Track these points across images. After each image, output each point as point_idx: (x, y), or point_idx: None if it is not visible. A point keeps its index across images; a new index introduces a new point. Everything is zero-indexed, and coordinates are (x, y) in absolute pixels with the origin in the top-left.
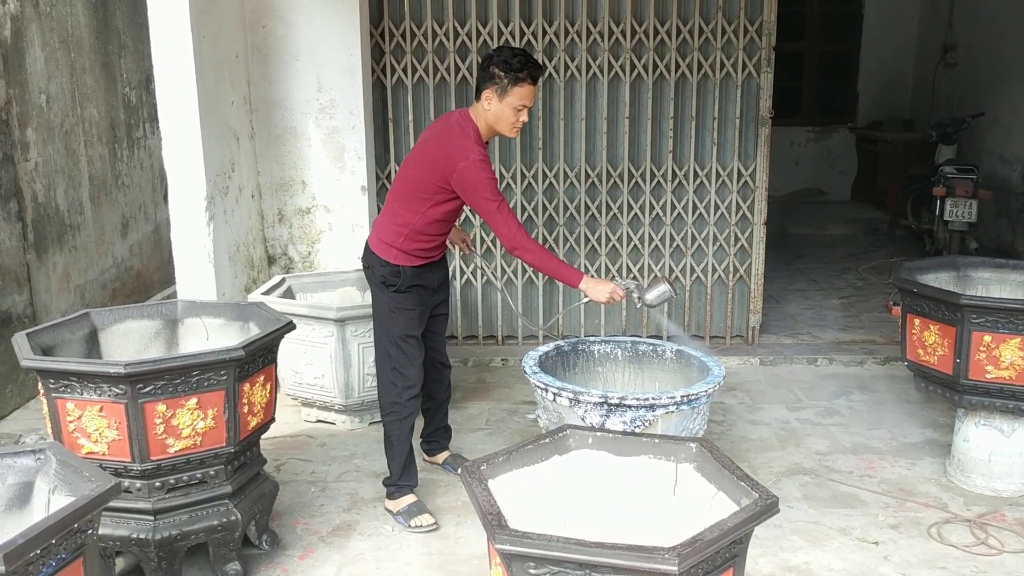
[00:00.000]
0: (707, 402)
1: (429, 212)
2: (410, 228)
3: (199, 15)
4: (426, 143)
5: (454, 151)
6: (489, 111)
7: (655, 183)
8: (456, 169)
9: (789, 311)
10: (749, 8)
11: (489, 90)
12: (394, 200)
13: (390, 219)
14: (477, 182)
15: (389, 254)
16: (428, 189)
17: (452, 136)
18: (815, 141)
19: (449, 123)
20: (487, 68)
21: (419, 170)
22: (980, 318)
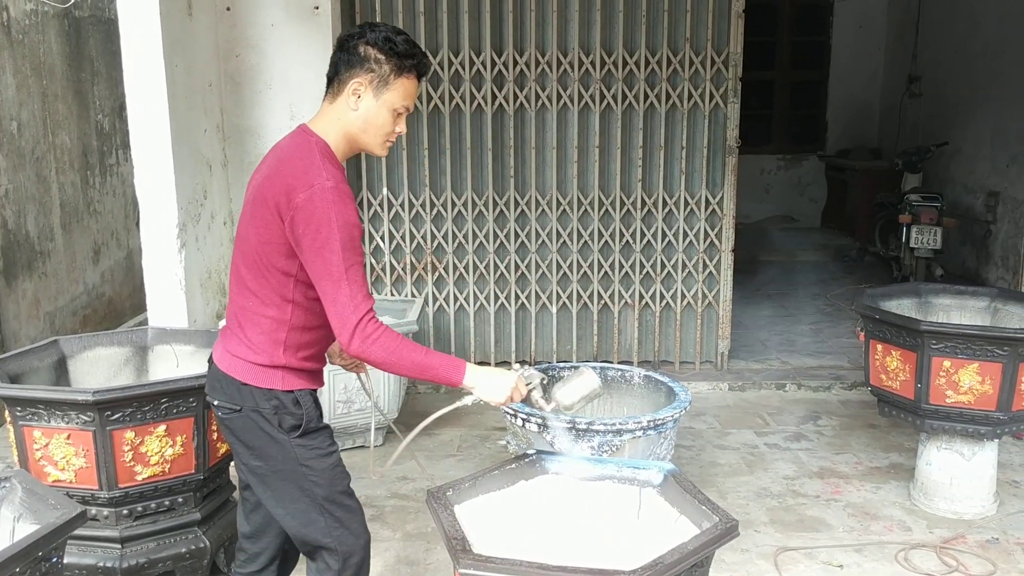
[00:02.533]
0: (674, 427)
1: (301, 290)
2: (287, 326)
3: (172, 44)
4: (257, 187)
5: (290, 179)
6: (356, 112)
7: (625, 211)
8: (292, 205)
9: (758, 337)
10: (716, 40)
11: (359, 80)
12: (244, 291)
13: (250, 324)
14: (323, 222)
15: (271, 379)
16: (282, 251)
17: (287, 160)
18: (785, 169)
19: (279, 147)
20: (353, 49)
21: (259, 228)
22: (940, 344)
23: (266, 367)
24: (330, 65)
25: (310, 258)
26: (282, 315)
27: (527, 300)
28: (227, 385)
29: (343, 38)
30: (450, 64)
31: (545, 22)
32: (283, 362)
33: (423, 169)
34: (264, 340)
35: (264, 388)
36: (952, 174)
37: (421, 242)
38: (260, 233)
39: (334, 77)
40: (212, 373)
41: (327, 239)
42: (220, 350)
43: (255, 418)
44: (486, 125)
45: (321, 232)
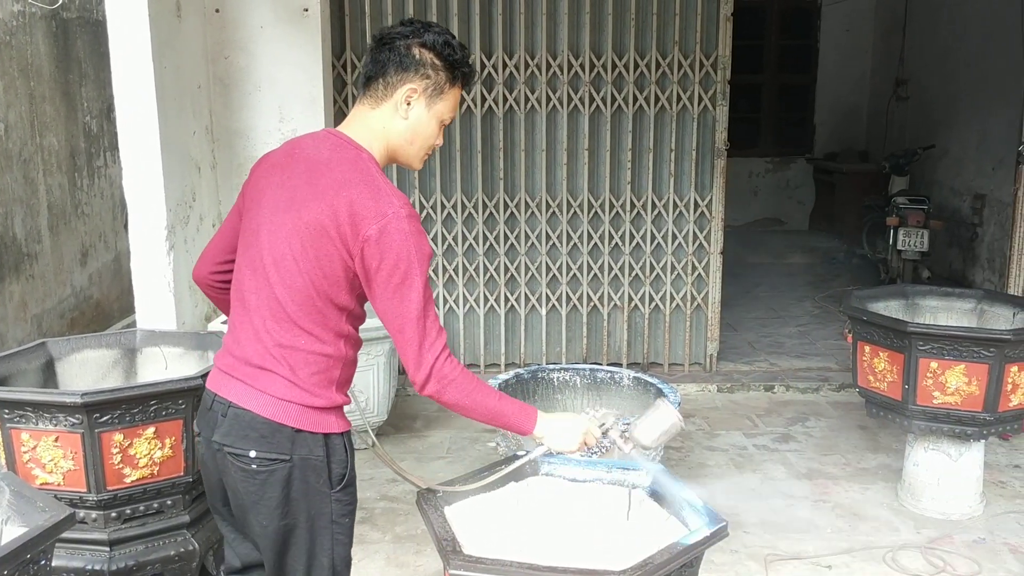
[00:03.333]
0: None
1: (351, 322)
2: (341, 362)
3: (161, 46)
4: (307, 212)
5: (356, 207)
6: (406, 122)
7: (614, 213)
8: (361, 236)
9: (747, 339)
10: (705, 43)
11: (413, 86)
12: (291, 329)
13: (302, 364)
14: (402, 257)
15: (326, 422)
16: (346, 287)
17: (344, 183)
18: (774, 172)
19: (317, 160)
20: (406, 50)
21: (320, 262)
22: (927, 345)
23: (322, 410)
24: (372, 63)
25: (384, 295)
26: (337, 351)
27: (516, 302)
28: (273, 433)
29: (390, 35)
30: None
31: (535, 25)
32: (338, 402)
33: (411, 172)
34: (320, 380)
35: (319, 433)
36: (939, 177)
37: None
38: (323, 267)
39: (378, 79)
40: (238, 420)
41: (406, 275)
42: (251, 392)
43: (304, 468)
44: (476, 127)
45: (400, 268)
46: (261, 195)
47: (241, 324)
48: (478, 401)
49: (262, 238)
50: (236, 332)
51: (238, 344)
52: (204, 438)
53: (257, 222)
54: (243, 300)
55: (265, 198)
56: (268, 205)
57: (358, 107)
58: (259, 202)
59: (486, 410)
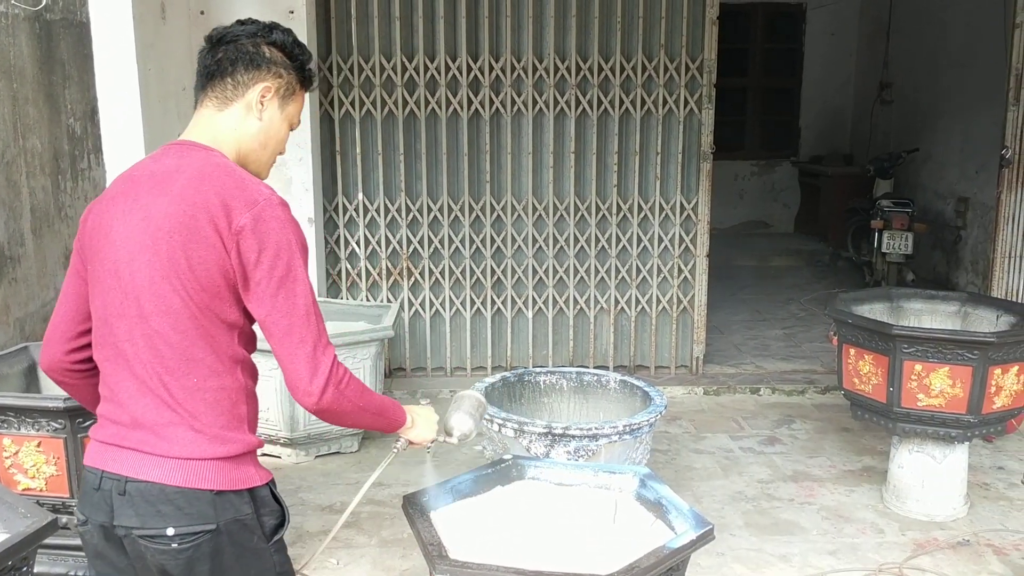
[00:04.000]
0: (650, 431)
1: (244, 342)
2: (244, 394)
3: (145, 48)
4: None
5: (223, 196)
6: (260, 123)
7: (600, 216)
8: (233, 228)
9: (733, 341)
10: (690, 46)
11: (267, 84)
12: (179, 364)
13: (201, 405)
14: (282, 246)
15: (247, 472)
16: (230, 295)
17: (202, 177)
18: (759, 175)
19: (165, 171)
20: (254, 48)
21: (193, 271)
22: (911, 347)
23: (239, 458)
24: (215, 62)
25: (267, 293)
26: (235, 382)
27: (503, 305)
28: (189, 503)
29: (233, 34)
30: (426, 69)
31: (521, 27)
32: (253, 444)
33: (399, 174)
34: (228, 421)
35: (243, 490)
36: (923, 180)
37: (397, 247)
38: (198, 275)
39: (225, 78)
40: (143, 496)
41: (290, 267)
42: (149, 460)
43: (234, 533)
44: (462, 130)
45: (282, 258)
46: (107, 231)
47: (121, 382)
48: (370, 400)
49: (121, 272)
50: (116, 395)
51: (121, 407)
52: (96, 524)
53: (112, 259)
54: (118, 353)
55: (113, 231)
56: (119, 236)
57: (200, 111)
58: (107, 238)
59: (376, 408)
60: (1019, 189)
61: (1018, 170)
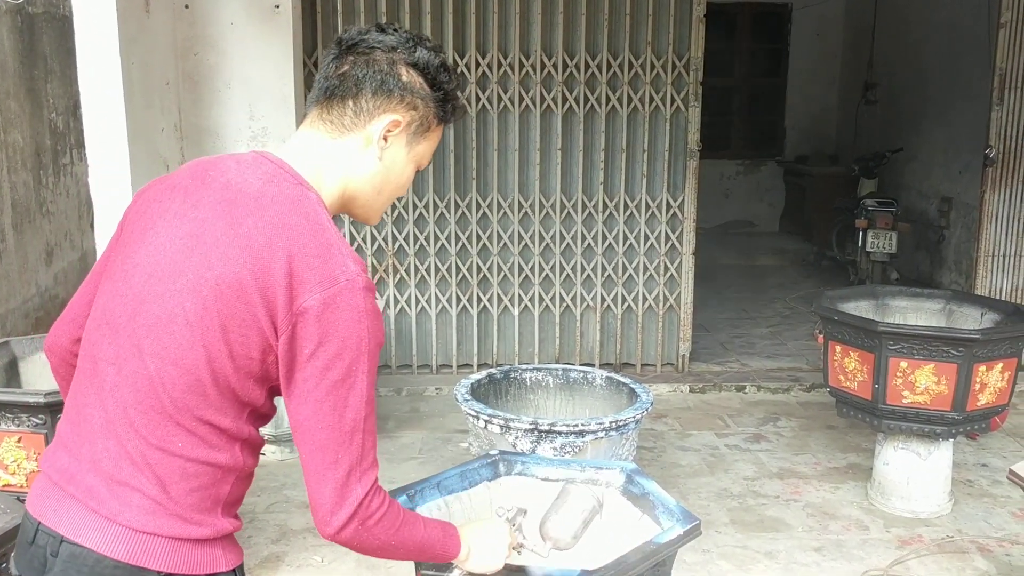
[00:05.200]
0: (636, 428)
1: (253, 421)
2: (233, 475)
3: (128, 42)
4: (208, 243)
5: (300, 261)
6: (380, 163)
7: (587, 214)
8: (298, 307)
9: (719, 339)
10: (677, 44)
11: (396, 117)
12: (166, 424)
13: (175, 476)
14: (348, 344)
15: (212, 559)
16: (256, 371)
17: (283, 227)
18: (745, 174)
19: (245, 192)
20: (389, 68)
21: (224, 331)
22: (896, 344)
23: (205, 543)
24: (338, 77)
25: (313, 394)
26: (231, 460)
27: (489, 303)
28: None
29: (368, 43)
30: None
31: (507, 24)
32: (225, 530)
33: None
34: (201, 500)
35: (200, 575)
36: (907, 180)
37: (383, 244)
38: (231, 343)
39: (346, 100)
40: (75, 563)
41: (351, 370)
42: (92, 520)
43: None
44: (448, 127)
45: (344, 358)
46: (148, 226)
47: (88, 408)
48: (406, 538)
49: (135, 285)
50: (79, 419)
51: (80, 438)
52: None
53: (133, 262)
54: (96, 373)
55: (155, 230)
56: (156, 241)
57: (308, 131)
58: (142, 235)
59: (413, 545)
60: (1002, 188)
61: (1001, 170)
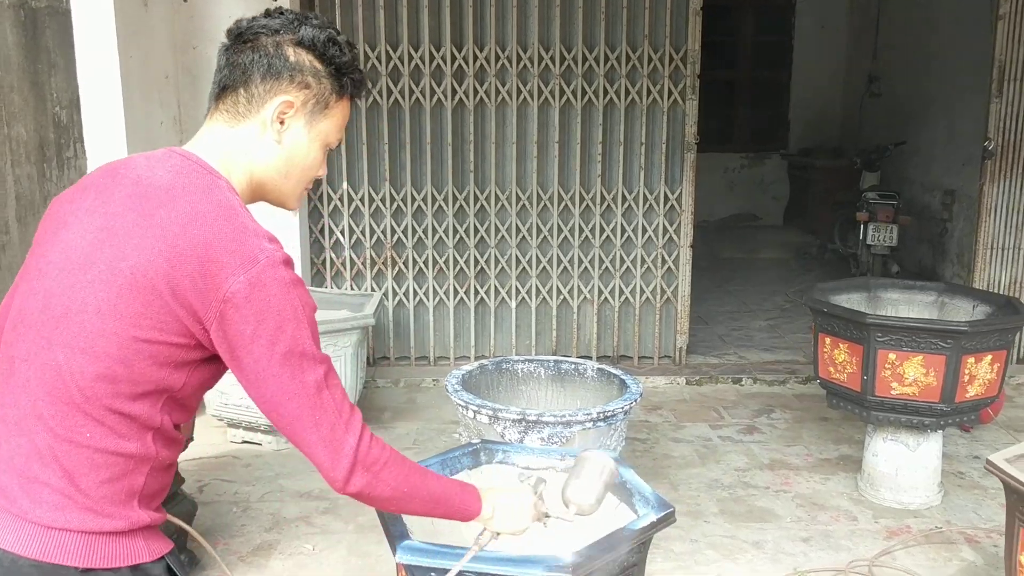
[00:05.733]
0: (624, 419)
1: (170, 410)
2: (148, 465)
3: (127, 36)
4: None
5: (215, 247)
6: (279, 148)
7: (584, 206)
8: (222, 295)
9: (717, 332)
10: (674, 37)
11: (288, 98)
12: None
13: (84, 468)
14: (286, 318)
15: (131, 550)
16: (172, 360)
17: (194, 216)
18: (749, 167)
19: (170, 182)
20: (275, 50)
21: (132, 324)
22: (885, 336)
23: (123, 535)
24: (229, 68)
25: (267, 371)
26: (143, 450)
27: (486, 295)
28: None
29: (252, 30)
30: (410, 59)
31: (505, 17)
32: (142, 521)
33: (383, 164)
34: (113, 492)
35: (122, 567)
36: (910, 173)
37: (381, 237)
38: (144, 330)
39: (238, 89)
40: None
41: (295, 339)
42: (5, 520)
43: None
44: (446, 120)
45: (286, 331)
46: (60, 225)
47: (4, 408)
48: (418, 485)
49: (46, 281)
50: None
51: (3, 440)
52: None
53: (46, 260)
54: (12, 372)
55: (66, 228)
56: (67, 237)
57: (210, 124)
58: (55, 234)
59: (428, 495)
60: (1001, 181)
61: (1001, 162)
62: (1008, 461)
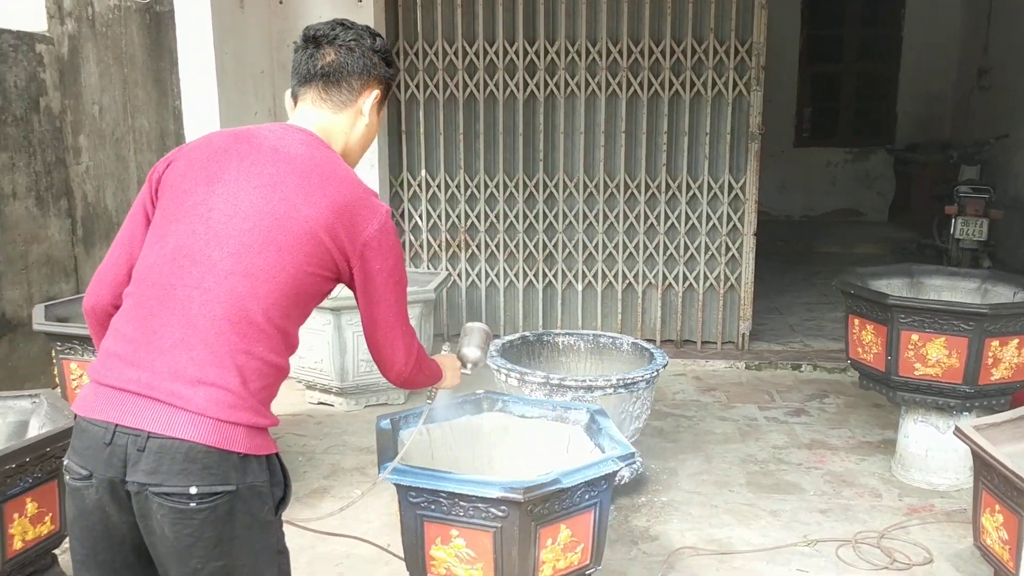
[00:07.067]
0: (647, 388)
1: (297, 338)
2: (284, 375)
3: (223, 34)
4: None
5: (356, 203)
6: (368, 128)
7: (650, 194)
8: (362, 238)
9: (789, 322)
10: (740, 30)
11: (377, 92)
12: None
13: (255, 374)
14: (397, 257)
15: (267, 443)
16: (325, 290)
17: (335, 179)
18: (853, 162)
19: (306, 152)
20: (365, 53)
21: (302, 259)
22: (907, 318)
23: (263, 431)
24: (327, 64)
25: (387, 296)
26: (286, 364)
27: (554, 278)
28: (218, 463)
29: (339, 38)
30: (485, 54)
31: (576, 12)
32: (274, 421)
33: (459, 152)
34: (267, 396)
35: (263, 456)
36: (1014, 167)
37: (456, 221)
38: (312, 268)
39: (339, 82)
40: (169, 453)
41: (400, 275)
42: (182, 416)
43: (250, 498)
44: (518, 111)
45: (399, 266)
46: (209, 178)
47: (167, 327)
48: (430, 367)
49: (215, 225)
50: (153, 340)
51: (152, 354)
52: (103, 479)
53: (206, 206)
54: (172, 297)
55: (221, 181)
56: (226, 190)
57: (312, 109)
58: (208, 185)
59: (432, 373)
60: None
61: None
62: (977, 429)
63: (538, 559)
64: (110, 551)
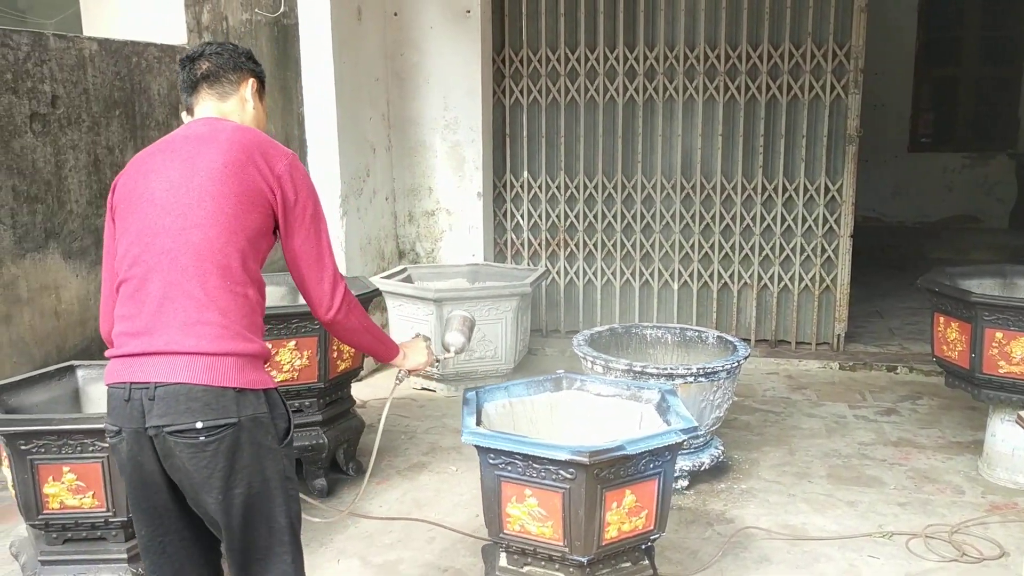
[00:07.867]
0: (729, 378)
1: (260, 270)
2: (260, 308)
3: (341, 45)
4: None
5: (264, 146)
6: (247, 113)
7: (746, 196)
8: (275, 174)
9: (889, 325)
10: (839, 33)
11: (254, 81)
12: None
13: (233, 306)
14: (309, 193)
15: (262, 378)
16: (269, 226)
17: (241, 134)
18: (970, 167)
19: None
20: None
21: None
22: (991, 315)
23: (255, 360)
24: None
25: (303, 229)
26: (256, 295)
27: (650, 277)
28: (216, 399)
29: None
30: (586, 60)
31: (675, 19)
32: (267, 352)
33: (559, 155)
34: (248, 323)
35: (259, 390)
36: None
37: (556, 220)
38: (250, 199)
39: (218, 77)
40: (174, 396)
41: (316, 208)
42: (178, 362)
43: (252, 429)
44: (617, 115)
45: (312, 200)
46: (144, 176)
47: (151, 292)
48: (368, 326)
49: (159, 197)
50: (143, 307)
51: (144, 320)
52: (129, 431)
53: (149, 192)
54: (151, 268)
55: (152, 173)
56: (158, 177)
57: (207, 103)
58: (144, 180)
59: (373, 335)
60: None
61: None
62: None
63: (603, 520)
64: (149, 499)
